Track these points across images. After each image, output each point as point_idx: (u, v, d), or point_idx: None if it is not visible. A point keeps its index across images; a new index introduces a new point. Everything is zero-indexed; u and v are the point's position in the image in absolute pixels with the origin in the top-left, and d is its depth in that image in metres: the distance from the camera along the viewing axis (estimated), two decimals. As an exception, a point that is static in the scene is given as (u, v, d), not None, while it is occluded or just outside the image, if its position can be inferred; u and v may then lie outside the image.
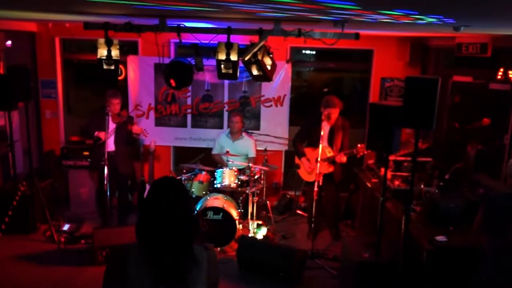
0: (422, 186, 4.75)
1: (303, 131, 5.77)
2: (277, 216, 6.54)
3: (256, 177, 5.69)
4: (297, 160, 5.83)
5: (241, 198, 5.87)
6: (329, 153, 5.46)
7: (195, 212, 5.83)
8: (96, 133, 5.59)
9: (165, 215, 1.92)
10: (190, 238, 1.96)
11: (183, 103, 6.88)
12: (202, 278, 1.95)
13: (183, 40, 4.47)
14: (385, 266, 4.07)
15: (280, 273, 4.71)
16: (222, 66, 4.41)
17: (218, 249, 5.35)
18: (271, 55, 4.47)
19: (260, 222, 5.82)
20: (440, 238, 3.88)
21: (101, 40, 4.47)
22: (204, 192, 5.69)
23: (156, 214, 1.93)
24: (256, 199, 5.72)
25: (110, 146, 5.58)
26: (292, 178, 6.60)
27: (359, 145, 5.23)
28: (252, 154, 6.16)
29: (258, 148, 6.33)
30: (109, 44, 4.46)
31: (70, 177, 6.55)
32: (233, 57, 4.31)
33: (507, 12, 2.44)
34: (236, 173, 5.65)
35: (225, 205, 5.33)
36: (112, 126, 5.61)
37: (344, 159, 5.40)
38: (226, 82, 6.71)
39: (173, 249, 1.91)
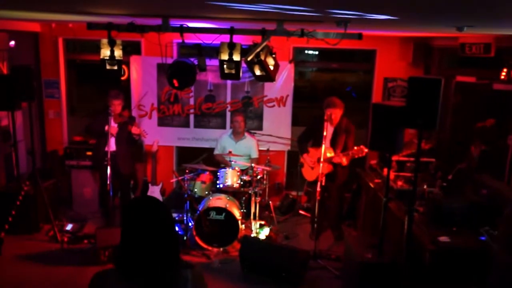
0: (425, 187, 4.74)
1: (308, 131, 5.77)
2: (280, 216, 6.54)
3: (258, 177, 5.69)
4: (301, 159, 5.83)
5: (243, 198, 5.88)
6: (330, 154, 5.44)
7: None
8: (106, 127, 5.56)
9: (145, 237, 1.79)
10: (175, 258, 1.84)
11: (185, 103, 6.89)
12: None
13: (186, 41, 4.47)
14: (387, 266, 4.06)
15: (283, 274, 4.70)
16: (225, 66, 4.41)
17: (221, 249, 5.36)
18: (273, 55, 4.47)
19: (262, 222, 5.82)
20: (443, 238, 3.87)
21: (104, 41, 4.48)
22: (206, 192, 5.70)
23: (136, 237, 1.80)
24: (258, 199, 5.71)
25: (112, 146, 5.59)
26: (295, 176, 6.59)
27: (355, 147, 5.20)
28: (255, 154, 6.16)
29: (261, 148, 6.33)
30: (112, 44, 4.47)
31: (73, 177, 6.59)
32: (236, 57, 4.30)
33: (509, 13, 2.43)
34: (238, 173, 5.65)
35: (227, 205, 5.34)
36: (113, 126, 5.63)
37: (344, 160, 5.31)
38: (229, 82, 6.71)
39: (158, 272, 1.79)
